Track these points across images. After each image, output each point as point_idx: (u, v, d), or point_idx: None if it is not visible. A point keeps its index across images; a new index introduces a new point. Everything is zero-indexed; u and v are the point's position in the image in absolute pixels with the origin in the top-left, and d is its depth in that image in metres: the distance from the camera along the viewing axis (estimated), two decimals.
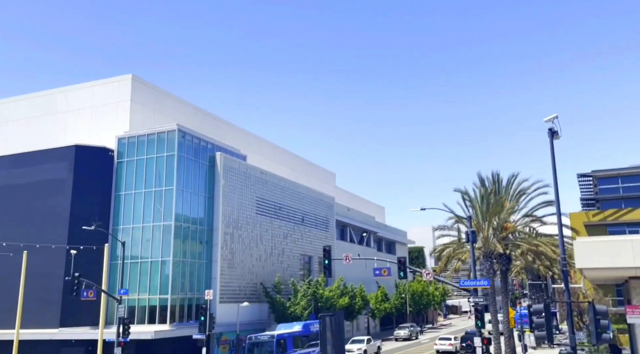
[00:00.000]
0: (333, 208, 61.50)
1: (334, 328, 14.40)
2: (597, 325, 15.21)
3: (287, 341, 35.11)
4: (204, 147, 42.94)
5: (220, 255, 41.93)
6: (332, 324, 14.44)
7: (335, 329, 14.31)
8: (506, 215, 36.32)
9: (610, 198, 54.33)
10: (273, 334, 35.04)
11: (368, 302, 60.19)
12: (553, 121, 18.95)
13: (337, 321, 14.28)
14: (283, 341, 34.68)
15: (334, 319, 14.34)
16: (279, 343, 34.18)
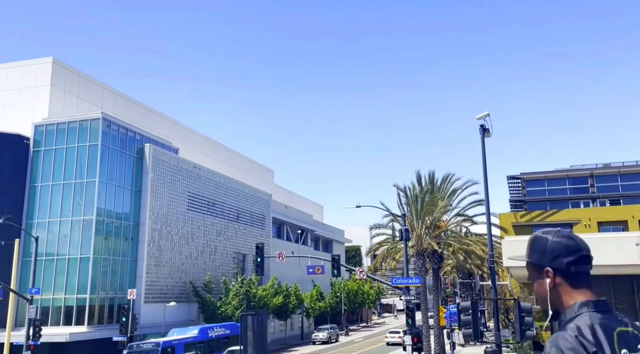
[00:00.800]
0: (270, 206, 60.35)
1: (256, 327, 13.39)
2: (521, 322, 15.02)
3: (177, 348, 30.00)
4: (132, 137, 40.79)
5: (147, 253, 39.95)
6: (254, 324, 13.43)
7: (258, 329, 13.30)
8: (439, 213, 36.48)
9: (536, 199, 56.08)
10: (159, 342, 29.87)
11: (303, 301, 59.43)
12: (485, 119, 18.73)
13: (260, 321, 13.28)
14: (171, 350, 29.44)
15: (256, 319, 13.34)
16: (165, 351, 28.91)
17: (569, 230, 16.56)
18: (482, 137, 17.49)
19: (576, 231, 47.97)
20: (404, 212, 33.76)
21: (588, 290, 2.03)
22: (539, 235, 2.17)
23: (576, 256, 2.03)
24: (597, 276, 28.81)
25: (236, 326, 35.85)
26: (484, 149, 17.55)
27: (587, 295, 2.00)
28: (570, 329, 1.89)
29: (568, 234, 2.10)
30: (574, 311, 1.98)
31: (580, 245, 2.06)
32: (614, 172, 54.83)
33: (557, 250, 2.05)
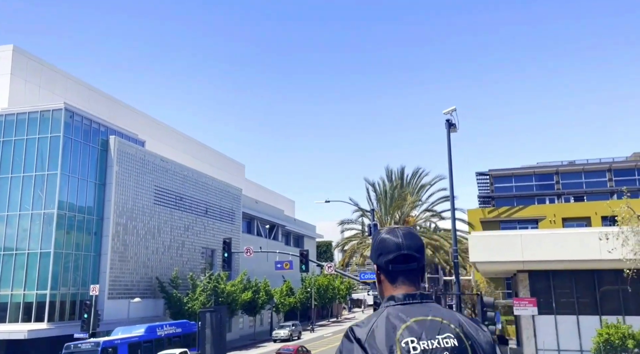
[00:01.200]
0: (240, 200, 59.76)
1: (214, 324, 13.04)
2: (484, 317, 14.99)
3: (120, 349, 27.57)
4: (96, 129, 39.77)
5: (111, 247, 39.07)
6: (212, 321, 13.08)
7: (216, 326, 12.96)
8: (408, 208, 36.64)
9: (504, 196, 56.81)
10: (99, 342, 27.39)
11: (272, 297, 59.12)
12: (451, 113, 18.72)
13: (219, 318, 12.93)
14: (112, 350, 27.11)
15: (214, 316, 12.98)
16: (105, 352, 26.54)
17: (535, 225, 16.54)
18: (448, 132, 17.45)
19: (542, 227, 48.72)
20: (373, 207, 33.79)
21: (408, 286, 2.08)
22: (377, 232, 2.24)
23: (394, 255, 2.09)
24: (560, 271, 29.28)
25: (189, 324, 34.64)
26: (450, 143, 17.54)
27: (404, 290, 2.06)
28: (358, 321, 2.01)
29: (396, 232, 2.15)
30: (382, 306, 2.08)
31: (401, 245, 2.10)
32: (579, 169, 55.85)
33: (379, 248, 2.13)
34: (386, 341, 1.90)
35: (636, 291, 26.38)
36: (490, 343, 2.01)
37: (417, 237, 2.17)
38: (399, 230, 2.18)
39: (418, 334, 1.92)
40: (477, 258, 29.47)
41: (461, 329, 1.98)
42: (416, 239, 2.15)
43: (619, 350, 25.27)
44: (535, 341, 29.00)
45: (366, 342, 1.91)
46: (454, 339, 1.95)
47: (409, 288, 2.08)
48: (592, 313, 29.18)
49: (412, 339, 1.90)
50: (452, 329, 1.96)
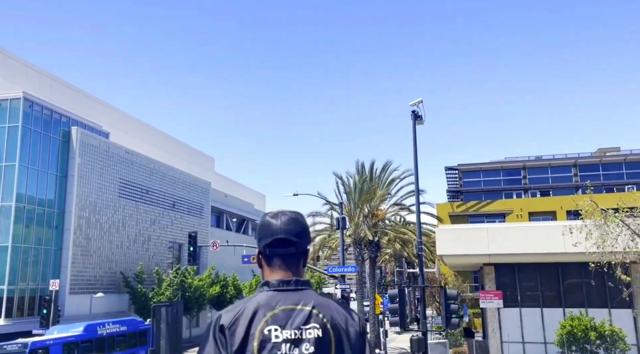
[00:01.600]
0: (209, 194, 58.91)
1: (170, 320, 12.56)
2: (447, 310, 14.88)
3: (52, 350, 24.89)
4: (57, 119, 38.52)
5: (73, 241, 37.98)
6: (168, 316, 12.60)
7: (172, 321, 12.48)
8: (377, 202, 36.46)
9: (472, 190, 57.42)
10: (27, 343, 24.61)
11: (241, 291, 58.53)
12: (418, 105, 18.53)
13: (175, 313, 12.47)
14: (43, 351, 24.54)
15: (170, 310, 12.50)
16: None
17: (502, 219, 16.31)
18: (413, 123, 17.24)
19: (509, 221, 49.23)
20: (341, 201, 33.52)
21: (284, 271, 2.04)
22: (263, 216, 2.19)
23: (271, 239, 2.05)
24: (526, 264, 29.59)
25: (136, 322, 32.20)
26: (415, 135, 17.32)
27: (280, 275, 2.03)
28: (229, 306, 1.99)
29: (279, 216, 2.09)
30: (256, 291, 2.07)
31: (279, 229, 2.05)
32: (545, 164, 56.80)
33: (259, 232, 2.12)
34: (247, 328, 1.87)
35: (598, 284, 26.82)
36: (358, 332, 1.97)
37: (299, 222, 2.11)
38: (282, 214, 2.12)
39: (282, 323, 1.89)
40: (444, 251, 29.55)
41: (330, 319, 1.94)
42: (297, 224, 2.10)
43: (582, 342, 25.60)
44: (500, 334, 29.26)
45: (228, 329, 1.89)
46: (318, 329, 1.92)
47: (285, 273, 2.04)
48: (556, 305, 29.57)
49: (275, 327, 1.88)
50: (320, 320, 1.91)
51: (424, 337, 14.93)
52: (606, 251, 20.82)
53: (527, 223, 35.31)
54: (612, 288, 24.81)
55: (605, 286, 25.06)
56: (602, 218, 21.52)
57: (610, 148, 59.51)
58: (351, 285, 35.30)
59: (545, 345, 28.60)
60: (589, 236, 21.21)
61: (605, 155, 56.97)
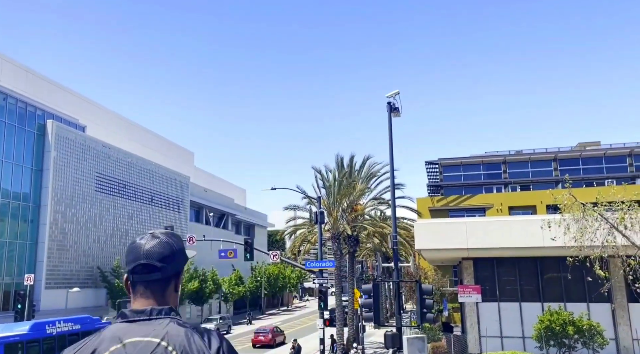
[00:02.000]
0: (187, 188, 58.27)
1: None
2: (422, 304, 14.73)
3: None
4: (32, 113, 37.70)
5: (49, 236, 37.28)
6: None
7: None
8: (356, 196, 36.27)
9: (453, 184, 57.55)
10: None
11: (220, 286, 58.15)
12: (394, 97, 18.30)
13: None
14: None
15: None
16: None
17: (483, 213, 16.05)
18: (389, 114, 17.00)
19: (489, 215, 49.22)
20: (320, 195, 33.29)
21: (145, 299, 1.90)
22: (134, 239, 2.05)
23: (134, 264, 1.90)
24: (505, 258, 29.63)
25: (91, 319, 28.91)
26: (391, 127, 17.09)
27: (139, 304, 1.90)
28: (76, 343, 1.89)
29: (146, 238, 1.94)
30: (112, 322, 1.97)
31: (142, 253, 1.90)
32: (525, 158, 57.10)
33: (126, 255, 1.97)
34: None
35: (577, 278, 26.97)
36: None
37: (168, 245, 1.93)
38: (151, 237, 1.95)
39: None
40: (423, 245, 29.51)
41: (181, 351, 1.77)
42: (166, 247, 1.92)
43: (560, 336, 25.67)
44: (478, 328, 29.32)
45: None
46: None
47: (146, 301, 1.88)
48: (535, 300, 29.67)
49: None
50: (168, 353, 1.77)
51: (398, 332, 14.74)
52: (584, 246, 20.85)
53: (506, 217, 35.41)
54: (591, 283, 24.87)
55: (584, 280, 25.12)
56: (580, 212, 21.54)
57: (591, 143, 60.07)
58: (329, 279, 35.08)
59: (523, 340, 28.68)
60: (567, 231, 21.19)
61: (585, 149, 57.46)
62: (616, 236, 20.29)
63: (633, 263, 18.66)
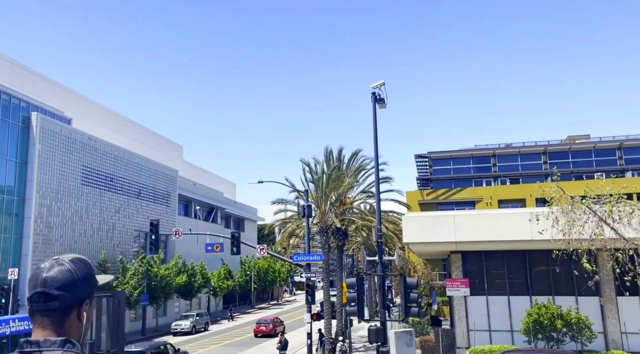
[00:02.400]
0: (176, 182, 57.74)
1: (111, 311, 11.84)
2: (406, 298, 14.47)
3: None
4: (16, 105, 37.05)
5: (34, 230, 36.74)
6: (109, 307, 11.87)
7: (113, 312, 11.76)
8: (345, 190, 36.01)
9: (442, 178, 57.44)
10: None
11: (209, 280, 57.79)
12: (380, 88, 17.98)
13: (116, 303, 11.74)
14: None
15: (111, 301, 11.77)
16: None
17: (472, 207, 15.70)
18: (373, 105, 16.65)
19: (478, 208, 49.10)
20: (307, 188, 32.98)
21: (42, 329, 1.81)
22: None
23: (31, 292, 1.84)
24: (493, 252, 29.50)
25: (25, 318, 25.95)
26: (376, 118, 16.76)
27: (35, 334, 1.81)
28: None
29: (46, 265, 1.87)
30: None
31: (38, 282, 1.82)
32: (515, 152, 57.05)
33: (28, 283, 1.91)
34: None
35: (565, 272, 26.87)
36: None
37: (70, 272, 1.83)
38: (54, 263, 1.86)
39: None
40: (411, 239, 29.31)
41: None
42: (67, 274, 1.82)
43: (548, 330, 25.59)
44: (467, 322, 29.21)
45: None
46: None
47: (43, 332, 1.79)
48: (523, 293, 29.59)
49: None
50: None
51: (382, 327, 14.49)
52: (573, 239, 20.71)
53: (494, 210, 35.27)
54: (579, 276, 24.76)
55: (572, 274, 25.03)
56: (569, 205, 21.38)
57: (580, 136, 60.11)
58: (317, 273, 34.84)
59: (512, 333, 28.61)
60: (555, 224, 21.04)
61: (574, 142, 57.50)
62: (604, 229, 20.16)
63: (621, 256, 18.50)
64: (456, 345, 29.08)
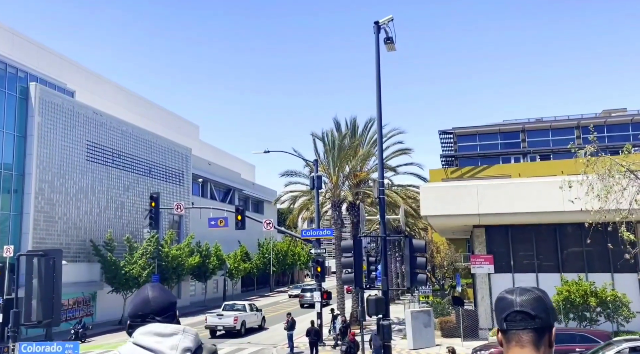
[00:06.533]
0: (189, 161, 55.95)
1: (44, 273, 9.72)
2: (413, 264, 12.06)
3: None
4: (13, 74, 35.44)
5: (34, 207, 35.22)
6: (41, 269, 9.76)
7: (47, 275, 9.63)
8: (359, 161, 33.55)
9: (468, 155, 54.41)
10: None
11: (224, 261, 56.07)
12: (387, 24, 15.33)
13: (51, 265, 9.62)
14: None
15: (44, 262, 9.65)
16: None
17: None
18: (376, 38, 14.03)
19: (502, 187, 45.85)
20: (317, 158, 30.59)
21: (519, 348, 1.94)
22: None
23: (507, 312, 1.97)
24: (519, 226, 26.63)
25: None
26: (379, 56, 14.11)
27: (514, 351, 1.95)
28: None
29: (514, 290, 2.01)
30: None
31: (513, 301, 1.97)
32: (546, 126, 53.59)
33: (496, 308, 2.05)
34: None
35: (600, 246, 24.15)
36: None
37: (539, 298, 2.00)
38: (515, 288, 2.05)
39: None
40: (430, 211, 26.77)
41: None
42: (538, 300, 1.99)
43: (580, 309, 23.01)
44: (490, 301, 26.66)
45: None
46: None
47: (521, 350, 1.94)
48: (553, 270, 26.99)
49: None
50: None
51: (384, 297, 12.12)
52: (610, 209, 18.00)
53: (521, 179, 32.37)
54: (615, 251, 22.15)
55: (607, 249, 22.29)
56: (606, 169, 18.59)
57: (616, 110, 56.18)
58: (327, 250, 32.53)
59: None
60: (590, 190, 18.24)
61: (610, 115, 53.69)
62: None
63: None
64: (479, 326, 26.55)
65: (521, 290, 1.98)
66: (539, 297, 1.98)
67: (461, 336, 25.29)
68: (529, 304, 1.93)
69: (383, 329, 12.20)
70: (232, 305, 34.34)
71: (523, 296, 1.95)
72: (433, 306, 29.45)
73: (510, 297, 1.96)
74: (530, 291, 1.98)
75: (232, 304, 34.54)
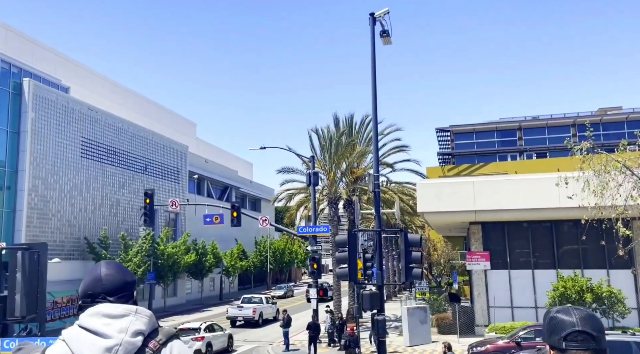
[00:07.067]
0: (186, 158, 55.70)
1: (28, 267, 9.46)
2: (408, 258, 11.91)
3: None
4: (6, 70, 35.14)
5: (28, 204, 34.93)
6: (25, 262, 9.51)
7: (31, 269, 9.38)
8: (356, 158, 33.40)
9: (465, 153, 54.36)
10: None
11: (221, 259, 55.87)
12: (383, 17, 15.17)
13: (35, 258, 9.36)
14: None
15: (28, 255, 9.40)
16: None
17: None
18: (371, 30, 13.86)
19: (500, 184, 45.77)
20: (313, 154, 30.43)
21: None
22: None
23: (567, 332, 2.00)
24: (516, 222, 26.51)
25: None
26: (374, 47, 13.93)
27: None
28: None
29: (568, 309, 2.05)
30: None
31: (574, 321, 2.01)
32: (542, 124, 53.58)
33: (550, 327, 2.06)
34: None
35: (595, 243, 24.06)
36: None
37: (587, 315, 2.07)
38: (568, 309, 2.07)
39: None
40: (426, 207, 26.66)
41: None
42: (588, 317, 2.04)
43: (577, 305, 22.92)
44: (486, 298, 26.56)
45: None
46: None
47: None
48: (549, 267, 26.92)
49: None
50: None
51: (379, 291, 11.96)
52: (606, 205, 17.91)
53: (518, 175, 32.33)
54: (610, 247, 22.14)
55: (603, 245, 22.31)
56: (602, 165, 18.49)
57: (612, 108, 56.16)
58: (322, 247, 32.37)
59: (536, 310, 25.98)
60: (586, 187, 18.15)
61: (606, 114, 53.68)
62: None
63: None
64: (475, 323, 26.45)
65: (578, 310, 2.01)
66: (596, 318, 2.04)
67: (457, 333, 25.19)
68: (589, 324, 1.97)
69: (377, 324, 12.05)
70: (250, 298, 37.45)
71: (582, 316, 1.98)
72: (429, 303, 29.32)
73: (567, 317, 1.99)
74: (585, 311, 2.02)
75: (250, 298, 37.69)
